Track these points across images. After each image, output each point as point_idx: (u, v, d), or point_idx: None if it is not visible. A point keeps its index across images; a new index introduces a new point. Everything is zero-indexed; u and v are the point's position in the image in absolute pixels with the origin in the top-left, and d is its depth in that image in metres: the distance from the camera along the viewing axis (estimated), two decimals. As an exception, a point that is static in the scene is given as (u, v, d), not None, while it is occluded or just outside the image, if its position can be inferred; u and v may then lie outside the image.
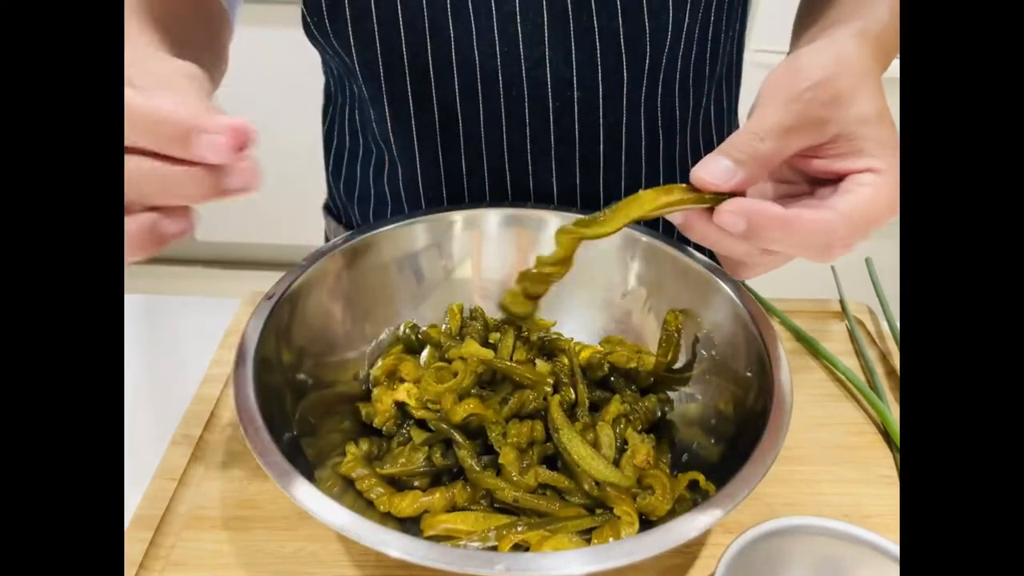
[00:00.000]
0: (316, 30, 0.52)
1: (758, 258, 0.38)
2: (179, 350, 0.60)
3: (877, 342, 0.59)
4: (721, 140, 0.61)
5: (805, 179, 0.39)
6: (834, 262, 0.37)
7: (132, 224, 0.30)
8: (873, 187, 0.35)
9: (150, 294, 0.65)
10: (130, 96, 0.28)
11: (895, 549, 0.36)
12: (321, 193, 0.71)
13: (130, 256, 0.30)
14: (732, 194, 0.36)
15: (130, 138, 0.28)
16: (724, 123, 0.61)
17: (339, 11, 0.50)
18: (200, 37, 0.49)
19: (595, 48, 0.51)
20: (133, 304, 0.64)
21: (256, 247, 2.16)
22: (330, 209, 0.70)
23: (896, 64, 0.34)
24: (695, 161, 0.56)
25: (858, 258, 0.63)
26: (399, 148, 0.56)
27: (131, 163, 0.29)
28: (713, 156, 0.36)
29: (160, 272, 2.16)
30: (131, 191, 0.29)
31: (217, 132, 0.28)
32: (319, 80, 0.65)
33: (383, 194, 0.60)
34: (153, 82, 0.31)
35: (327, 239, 0.72)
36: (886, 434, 0.50)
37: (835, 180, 0.37)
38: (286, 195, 1.89)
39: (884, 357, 0.58)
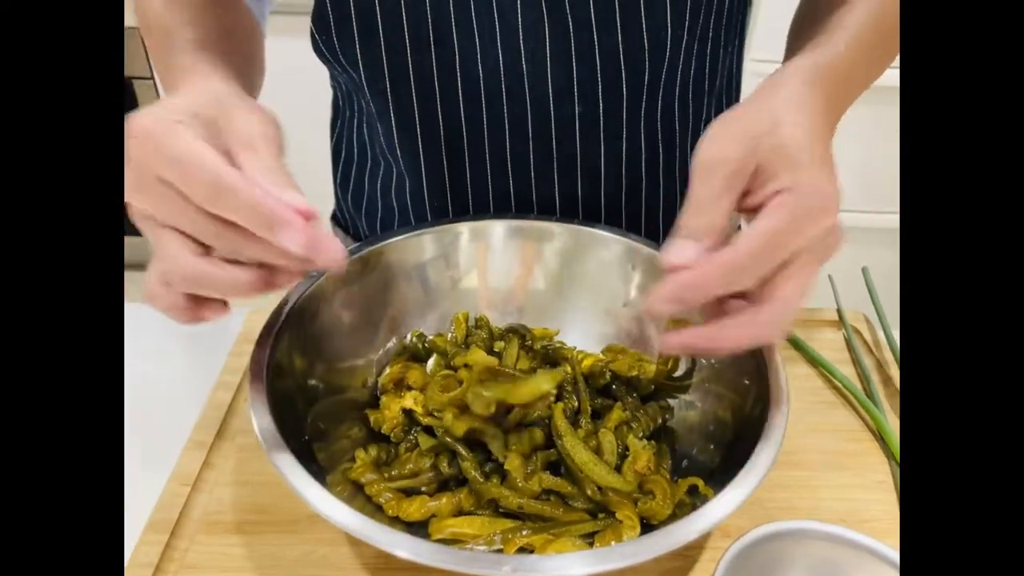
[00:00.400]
0: (324, 48, 0.54)
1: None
2: (191, 356, 0.61)
3: (873, 351, 0.60)
4: None
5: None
6: (826, 272, 0.38)
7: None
8: (779, 208, 0.34)
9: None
10: (228, 173, 0.31)
11: (891, 553, 0.37)
12: (329, 201, 0.73)
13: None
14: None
15: (217, 207, 0.32)
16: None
17: (346, 30, 0.52)
18: (245, 51, 0.51)
19: (595, 64, 0.52)
20: (143, 311, 0.65)
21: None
22: (338, 220, 0.71)
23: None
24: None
25: (855, 268, 0.65)
26: (406, 161, 0.58)
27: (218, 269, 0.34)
28: (674, 241, 0.36)
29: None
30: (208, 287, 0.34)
31: (298, 229, 0.32)
32: (328, 90, 0.67)
33: (391, 206, 0.62)
34: (238, 141, 0.34)
35: (334, 249, 0.73)
36: (882, 440, 0.51)
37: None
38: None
39: (880, 366, 0.59)
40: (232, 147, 0.34)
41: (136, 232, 0.38)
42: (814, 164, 0.35)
